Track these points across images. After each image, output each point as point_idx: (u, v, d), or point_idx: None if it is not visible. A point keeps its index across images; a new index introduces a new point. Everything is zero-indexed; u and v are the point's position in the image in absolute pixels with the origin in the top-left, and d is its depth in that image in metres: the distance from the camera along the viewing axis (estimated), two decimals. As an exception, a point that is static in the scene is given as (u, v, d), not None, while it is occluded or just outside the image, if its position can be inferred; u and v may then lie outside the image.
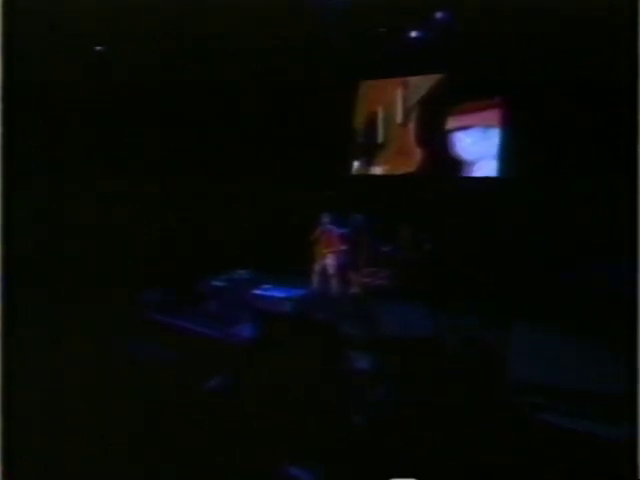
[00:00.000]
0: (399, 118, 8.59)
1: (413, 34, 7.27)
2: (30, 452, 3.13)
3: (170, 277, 6.67)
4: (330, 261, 7.01)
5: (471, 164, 7.84)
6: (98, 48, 7.09)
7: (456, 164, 7.95)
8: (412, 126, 8.49)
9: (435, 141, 8.17)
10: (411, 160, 8.42)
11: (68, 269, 6.22)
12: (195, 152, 8.25)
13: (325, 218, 7.10)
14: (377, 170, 8.82)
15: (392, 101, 8.70)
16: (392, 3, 6.29)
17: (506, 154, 7.32)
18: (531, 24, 6.03)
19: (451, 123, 7.98)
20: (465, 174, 7.87)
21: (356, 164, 9.11)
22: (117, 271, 6.33)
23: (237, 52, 7.40)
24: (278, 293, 6.42)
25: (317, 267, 7.16)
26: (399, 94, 8.59)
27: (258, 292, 6.51)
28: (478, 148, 7.74)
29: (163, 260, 6.89)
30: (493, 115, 7.54)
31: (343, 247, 6.88)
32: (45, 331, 4.86)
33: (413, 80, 8.39)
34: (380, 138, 8.84)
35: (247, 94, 8.28)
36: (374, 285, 6.51)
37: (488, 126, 7.61)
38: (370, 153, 9.00)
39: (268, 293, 6.45)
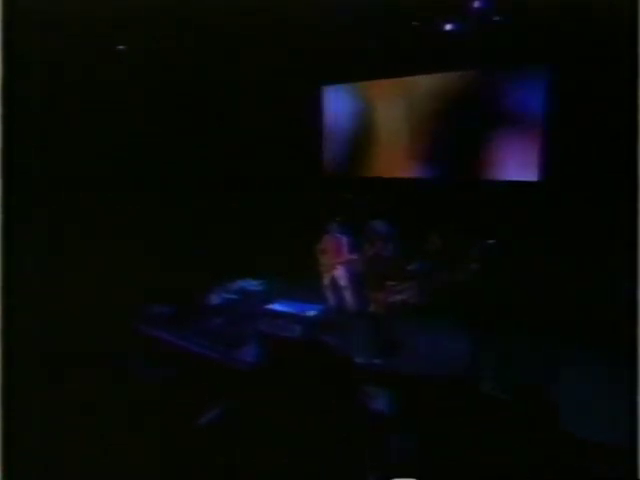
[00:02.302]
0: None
1: (448, 27, 6.57)
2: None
3: (170, 290, 6.32)
4: (340, 273, 6.49)
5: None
6: (99, 48, 6.93)
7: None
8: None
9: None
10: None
11: (66, 277, 5.94)
12: (200, 157, 8.04)
13: (332, 225, 6.51)
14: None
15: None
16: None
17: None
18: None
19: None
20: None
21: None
22: (114, 284, 6.03)
23: (252, 50, 7.16)
24: (288, 309, 5.93)
25: (326, 281, 6.67)
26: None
27: (266, 308, 6.04)
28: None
29: (163, 272, 6.54)
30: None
31: (353, 256, 6.23)
32: (43, 345, 4.60)
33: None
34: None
35: (260, 97, 8.02)
36: (398, 303, 5.58)
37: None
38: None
39: (277, 309, 5.97)
